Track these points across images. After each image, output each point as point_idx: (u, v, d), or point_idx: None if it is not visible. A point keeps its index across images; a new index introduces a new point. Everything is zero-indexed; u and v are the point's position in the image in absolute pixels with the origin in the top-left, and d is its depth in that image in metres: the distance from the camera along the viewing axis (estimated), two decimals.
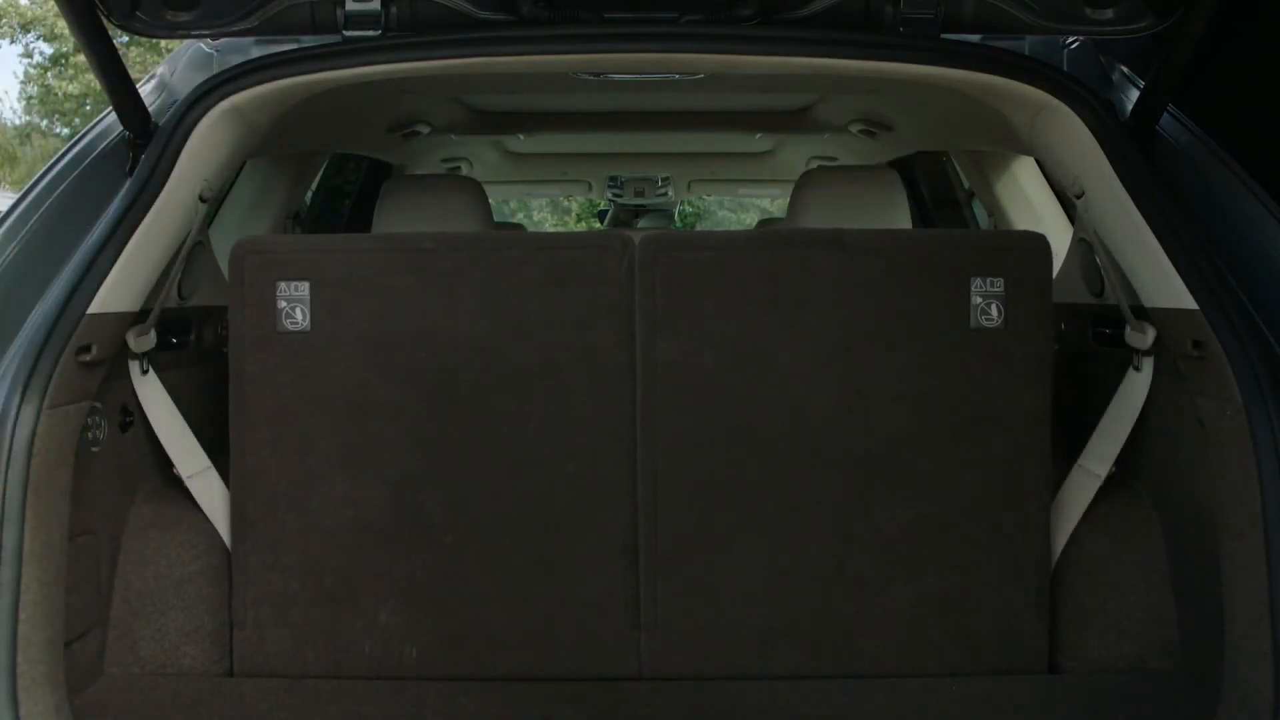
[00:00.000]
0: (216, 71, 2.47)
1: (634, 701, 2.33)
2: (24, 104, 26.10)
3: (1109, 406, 2.55)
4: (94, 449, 2.34)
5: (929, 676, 2.40)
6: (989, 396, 2.41)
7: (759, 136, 4.90)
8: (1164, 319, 2.31)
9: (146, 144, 2.38)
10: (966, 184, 4.39)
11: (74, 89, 23.90)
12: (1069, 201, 2.86)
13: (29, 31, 24.59)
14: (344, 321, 2.45)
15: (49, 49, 24.72)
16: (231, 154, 2.56)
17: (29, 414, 2.06)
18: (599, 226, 7.35)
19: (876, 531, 2.42)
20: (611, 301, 2.46)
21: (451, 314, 2.46)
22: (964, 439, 2.41)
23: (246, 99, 2.43)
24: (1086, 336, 2.81)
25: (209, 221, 2.84)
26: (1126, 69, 2.64)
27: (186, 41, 2.77)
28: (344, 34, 2.40)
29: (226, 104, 2.42)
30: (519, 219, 9.59)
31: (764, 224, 5.67)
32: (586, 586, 2.44)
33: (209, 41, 2.72)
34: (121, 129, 2.42)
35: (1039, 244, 2.44)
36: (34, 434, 2.06)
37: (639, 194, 6.04)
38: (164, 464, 2.57)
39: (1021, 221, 3.67)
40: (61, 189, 2.39)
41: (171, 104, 2.45)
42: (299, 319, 2.43)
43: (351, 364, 2.45)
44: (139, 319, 2.43)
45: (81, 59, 21.00)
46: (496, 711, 2.29)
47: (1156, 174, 2.33)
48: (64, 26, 16.65)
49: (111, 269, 2.22)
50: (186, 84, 2.52)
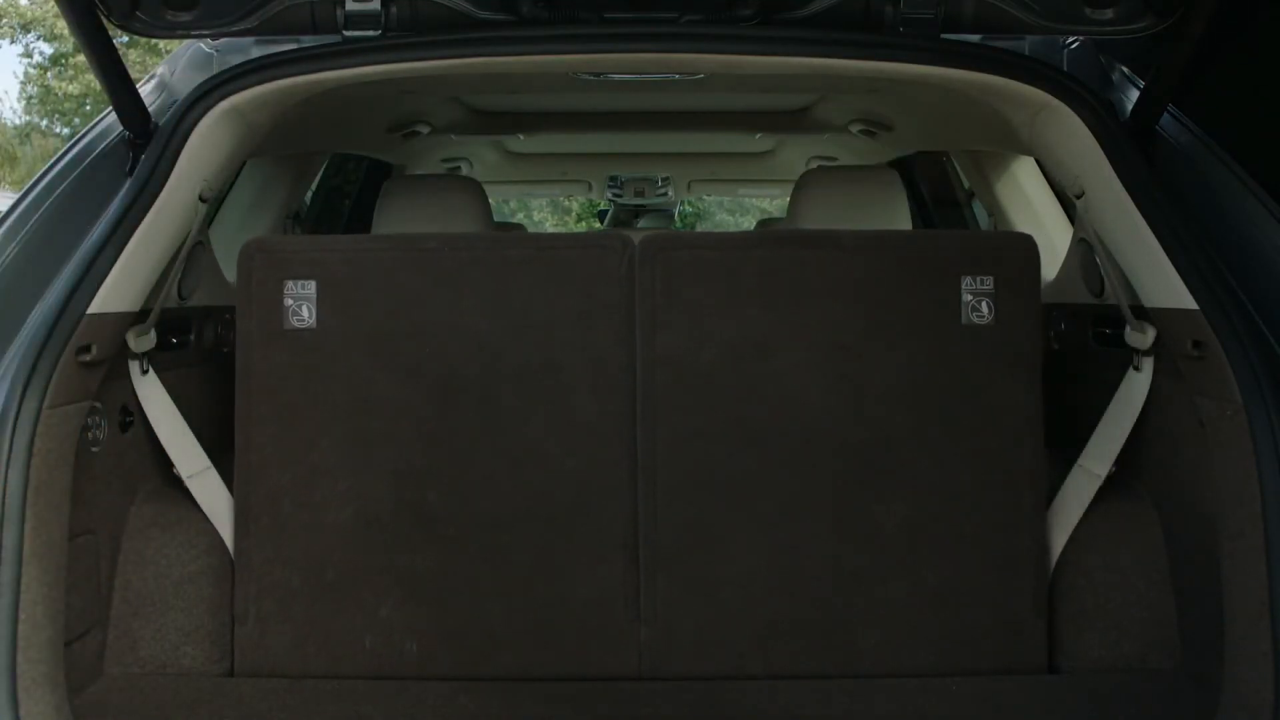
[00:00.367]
0: (216, 71, 2.47)
1: (634, 701, 2.33)
2: (24, 104, 26.13)
3: (1109, 406, 2.55)
4: (94, 449, 2.35)
5: (929, 676, 2.40)
6: (981, 391, 2.45)
7: (759, 136, 4.90)
8: (1164, 319, 2.31)
9: (146, 144, 2.38)
10: (966, 184, 4.39)
11: (74, 89, 23.89)
12: (1069, 201, 2.86)
13: (29, 32, 24.59)
14: (349, 319, 2.48)
15: (49, 49, 24.72)
16: (231, 154, 2.56)
17: (29, 414, 2.06)
18: (599, 226, 7.34)
19: (873, 525, 2.45)
20: (612, 299, 2.49)
21: (455, 312, 2.49)
22: (957, 433, 2.45)
23: (246, 99, 2.43)
24: (1086, 336, 2.81)
25: (209, 221, 2.84)
26: (1126, 69, 2.64)
27: (186, 41, 2.77)
28: (344, 34, 2.40)
29: (226, 104, 2.42)
30: (519, 219, 9.58)
31: (763, 224, 5.66)
32: (587, 581, 2.46)
33: (209, 41, 2.72)
34: (121, 129, 2.42)
35: (1027, 244, 2.51)
36: (34, 434, 2.07)
37: (639, 194, 6.05)
38: (164, 464, 2.57)
39: (1021, 221, 3.66)
40: (61, 189, 2.39)
41: (171, 104, 2.45)
42: (305, 316, 2.47)
43: (356, 360, 2.48)
44: (139, 319, 2.43)
45: (81, 59, 21.00)
46: (496, 711, 2.29)
47: (1156, 174, 2.33)
48: (64, 26, 16.64)
49: (111, 269, 2.23)
50: (186, 84, 2.52)
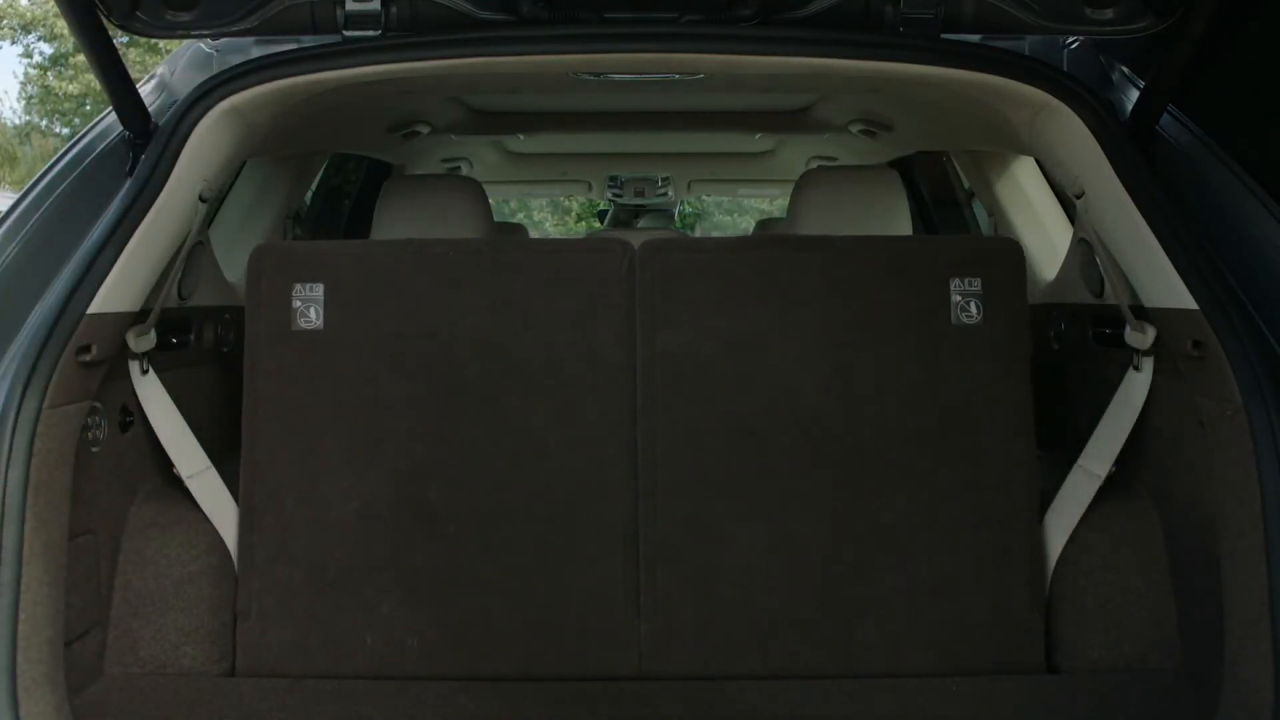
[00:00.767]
0: (216, 71, 2.47)
1: (634, 701, 2.34)
2: (24, 104, 26.12)
3: (1109, 406, 2.55)
4: (94, 449, 2.35)
5: (929, 676, 2.40)
6: (972, 388, 2.51)
7: (759, 136, 4.91)
8: (1164, 319, 2.31)
9: (146, 144, 2.38)
10: (966, 184, 4.39)
11: (74, 89, 23.88)
12: (1069, 201, 2.86)
13: (30, 32, 24.57)
14: (356, 320, 2.53)
15: (49, 49, 24.71)
16: (231, 154, 2.56)
17: (29, 414, 2.06)
18: (599, 226, 7.34)
19: (869, 518, 2.48)
20: (612, 299, 2.53)
21: (458, 313, 2.53)
22: (950, 428, 2.50)
23: (246, 99, 2.44)
24: (1086, 336, 2.81)
25: (209, 221, 2.85)
26: (1126, 69, 2.64)
27: (186, 41, 2.77)
28: (344, 34, 2.40)
29: (226, 104, 2.42)
30: (519, 219, 9.58)
31: (762, 225, 5.66)
32: (587, 576, 2.48)
33: (209, 41, 2.72)
34: (121, 129, 2.42)
35: (1013, 248, 2.61)
36: (34, 434, 2.07)
37: (639, 194, 6.05)
38: (164, 464, 2.58)
39: (1021, 221, 3.66)
40: (61, 189, 2.39)
41: (171, 104, 2.45)
42: (313, 318, 2.51)
43: (361, 360, 2.52)
44: (139, 319, 2.43)
45: (81, 59, 20.99)
46: (496, 711, 2.29)
47: (1156, 174, 2.33)
48: (64, 27, 16.64)
49: (111, 269, 2.23)
50: (186, 84, 2.52)
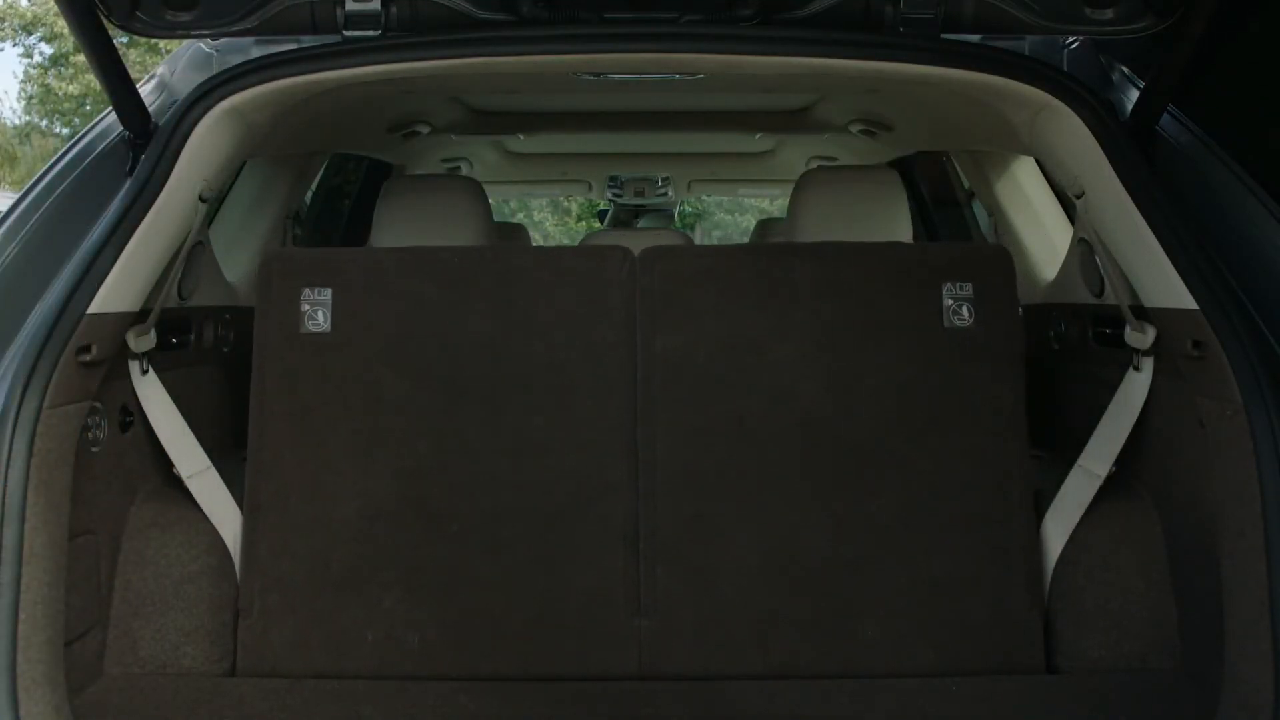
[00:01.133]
0: (216, 71, 2.47)
1: (634, 701, 2.34)
2: (24, 104, 26.10)
3: (1109, 406, 2.56)
4: (94, 449, 2.35)
5: (929, 676, 2.40)
6: (965, 388, 2.55)
7: (759, 136, 4.91)
8: (1164, 319, 2.31)
9: (146, 144, 2.39)
10: (966, 184, 4.38)
11: (74, 89, 23.87)
12: (1069, 201, 2.86)
13: (30, 33, 24.56)
14: (362, 323, 2.58)
15: (49, 49, 24.70)
16: (231, 154, 2.56)
17: (29, 414, 2.07)
18: (599, 226, 7.35)
19: (867, 516, 2.50)
20: (613, 303, 2.57)
21: (463, 316, 2.58)
22: (944, 427, 2.53)
23: (246, 99, 2.44)
24: (1086, 336, 2.81)
25: (209, 221, 2.85)
26: (1126, 69, 2.64)
27: (186, 41, 2.77)
28: (344, 34, 2.40)
29: (226, 104, 2.42)
30: (519, 219, 9.58)
31: (763, 225, 5.66)
32: (588, 573, 2.50)
33: (209, 41, 2.72)
34: (121, 129, 2.42)
35: (1003, 255, 2.70)
36: (34, 434, 2.07)
37: (639, 194, 6.05)
38: (164, 464, 2.58)
39: (1021, 221, 3.66)
40: (61, 189, 2.39)
41: (171, 104, 2.45)
42: (320, 321, 2.57)
43: (367, 363, 2.56)
44: (139, 319, 2.43)
45: (81, 59, 20.98)
46: (496, 711, 2.29)
47: (1156, 174, 2.33)
48: (64, 27, 16.64)
49: (111, 269, 2.23)
50: (186, 84, 2.52)
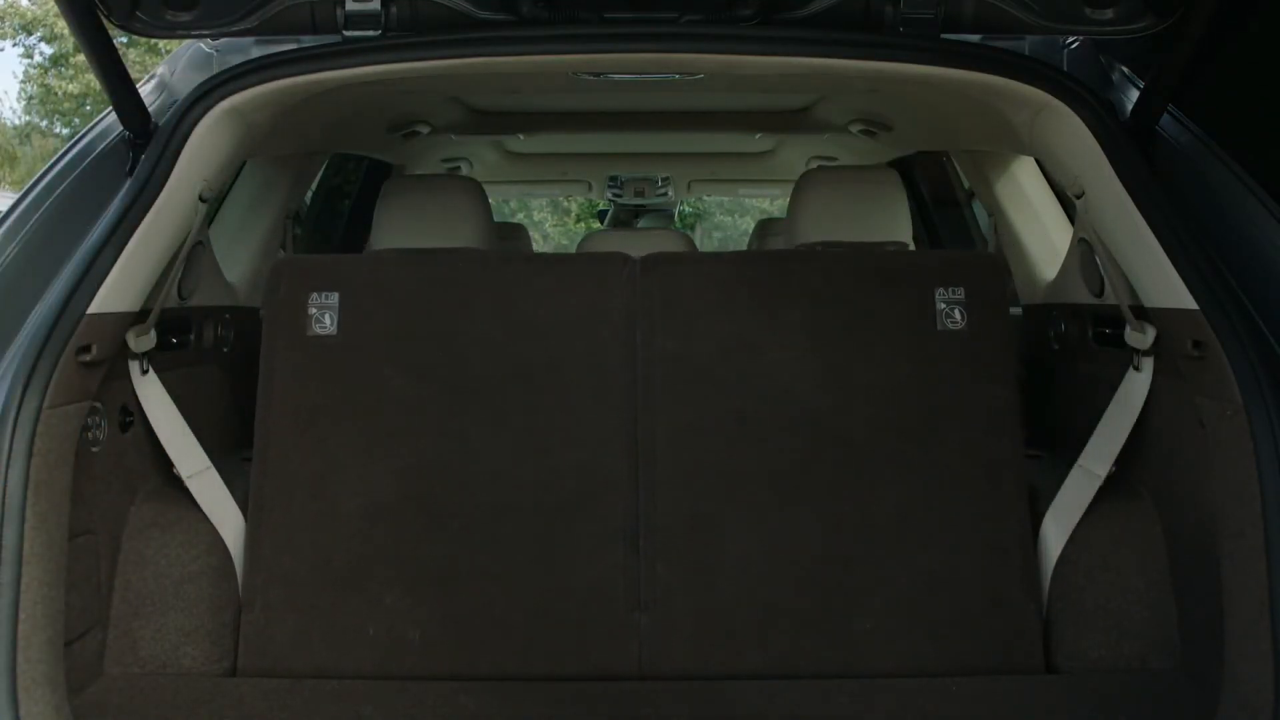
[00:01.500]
0: (216, 71, 2.47)
1: (634, 700, 2.34)
2: (24, 104, 26.09)
3: (1109, 406, 2.56)
4: (94, 449, 2.35)
5: (929, 676, 2.41)
6: (959, 389, 2.60)
7: (759, 136, 4.91)
8: (1164, 319, 2.31)
9: (146, 144, 2.39)
10: (966, 184, 4.39)
11: (74, 89, 23.84)
12: (1069, 201, 2.87)
13: (30, 33, 24.55)
14: (368, 327, 2.63)
15: (49, 49, 24.68)
16: (231, 154, 2.56)
17: (29, 414, 2.07)
18: (598, 226, 7.35)
19: (864, 513, 2.53)
20: (613, 305, 2.61)
21: (466, 319, 2.63)
22: (940, 427, 2.57)
23: (246, 99, 2.44)
24: (1086, 336, 2.81)
25: (209, 221, 2.85)
26: (1126, 69, 2.64)
27: (186, 41, 2.77)
28: (344, 34, 2.40)
29: (226, 104, 2.42)
30: (519, 219, 9.57)
31: (763, 225, 5.66)
32: (588, 570, 2.52)
33: (209, 41, 2.72)
34: (121, 129, 2.42)
35: (994, 261, 2.80)
36: (34, 434, 2.07)
37: (639, 194, 6.06)
38: (164, 464, 2.58)
39: (1021, 221, 3.66)
40: (61, 189, 2.39)
41: (171, 104, 2.45)
42: (328, 324, 2.62)
43: (372, 364, 2.61)
44: (139, 319, 2.43)
45: (81, 59, 20.97)
46: (496, 710, 2.29)
47: (1156, 174, 2.33)
48: (64, 27, 16.63)
49: (111, 269, 2.23)
50: (186, 84, 2.52)
